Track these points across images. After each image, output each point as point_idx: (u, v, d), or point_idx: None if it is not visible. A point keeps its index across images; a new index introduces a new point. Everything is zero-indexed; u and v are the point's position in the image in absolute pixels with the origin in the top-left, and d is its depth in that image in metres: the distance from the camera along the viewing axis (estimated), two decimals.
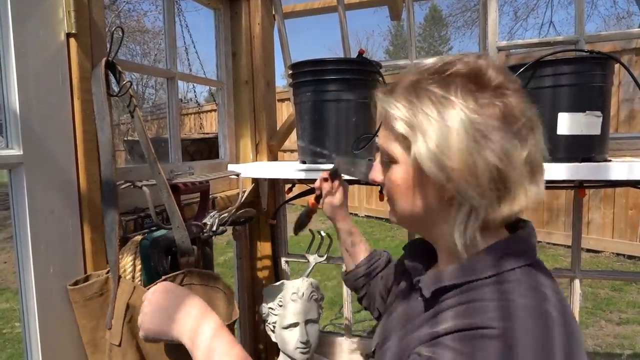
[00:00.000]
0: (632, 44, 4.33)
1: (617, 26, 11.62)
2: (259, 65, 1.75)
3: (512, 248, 0.67)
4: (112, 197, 0.98)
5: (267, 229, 1.80)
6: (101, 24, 1.06)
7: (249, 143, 1.75)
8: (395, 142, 0.69)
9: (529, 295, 0.61)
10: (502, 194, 0.64)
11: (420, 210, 0.70)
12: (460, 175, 0.62)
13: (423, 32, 21.38)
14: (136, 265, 1.06)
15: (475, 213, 0.65)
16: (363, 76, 1.47)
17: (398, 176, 0.70)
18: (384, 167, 0.74)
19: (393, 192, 0.73)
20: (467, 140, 0.61)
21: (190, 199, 1.37)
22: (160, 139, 2.65)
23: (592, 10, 10.99)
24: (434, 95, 0.64)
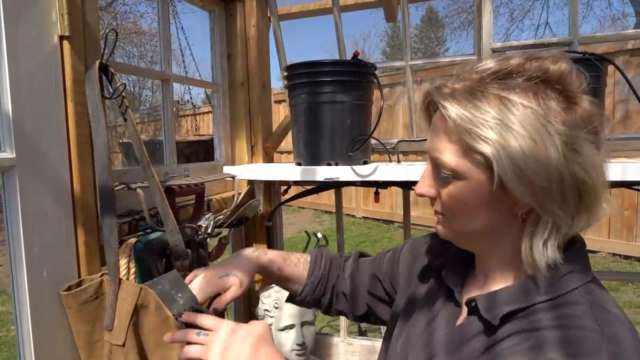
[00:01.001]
0: (627, 45, 4.35)
1: (613, 27, 11.69)
2: (254, 67, 1.75)
3: (570, 264, 0.62)
4: (110, 201, 0.98)
5: (263, 231, 1.79)
6: (95, 26, 1.05)
7: (245, 145, 1.75)
8: (464, 156, 0.61)
9: (600, 319, 0.57)
10: (581, 208, 0.60)
11: (486, 228, 0.65)
12: (547, 189, 0.57)
13: (420, 34, 21.43)
14: (130, 268, 1.06)
15: (557, 229, 0.60)
16: (358, 78, 1.47)
17: (464, 193, 0.62)
18: (438, 180, 0.66)
19: (453, 209, 0.65)
20: (555, 154, 0.56)
21: (185, 201, 1.37)
22: (156, 141, 2.65)
23: (588, 12, 11.06)
24: (510, 102, 0.57)
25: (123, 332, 0.95)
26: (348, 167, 1.45)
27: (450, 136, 0.62)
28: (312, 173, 1.47)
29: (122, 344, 0.95)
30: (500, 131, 0.57)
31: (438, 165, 0.64)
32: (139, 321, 0.96)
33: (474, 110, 0.58)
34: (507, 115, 0.57)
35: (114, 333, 0.96)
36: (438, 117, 0.65)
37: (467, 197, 0.62)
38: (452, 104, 0.60)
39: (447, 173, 0.63)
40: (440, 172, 0.64)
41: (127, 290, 0.98)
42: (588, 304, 0.59)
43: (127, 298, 0.97)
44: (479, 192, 0.62)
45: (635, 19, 9.25)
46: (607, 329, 0.55)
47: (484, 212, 0.63)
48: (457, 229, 0.68)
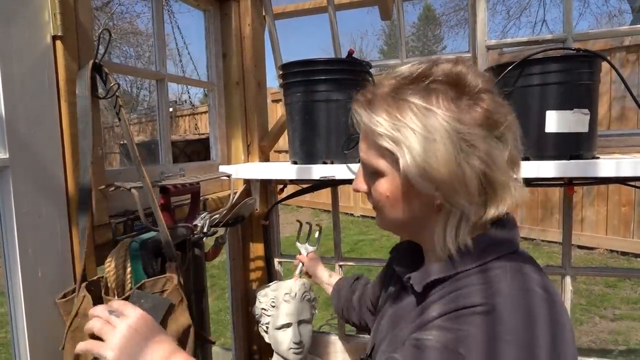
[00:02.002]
0: (624, 42, 4.35)
1: (609, 24, 11.70)
2: (249, 66, 1.74)
3: (494, 239, 0.70)
4: (85, 204, 0.97)
5: (259, 230, 1.80)
6: (88, 25, 1.05)
7: (241, 144, 1.75)
8: (380, 156, 0.69)
9: (514, 277, 0.64)
10: (489, 197, 0.66)
11: (409, 217, 0.72)
12: (450, 185, 0.63)
13: (417, 32, 21.41)
14: (126, 268, 1.06)
15: (466, 218, 0.67)
16: (353, 76, 1.47)
17: (385, 188, 0.70)
18: (368, 177, 0.74)
19: (381, 203, 0.73)
20: (453, 150, 0.62)
21: (180, 200, 1.37)
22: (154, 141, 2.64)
23: (585, 9, 11.07)
24: (415, 106, 0.64)
25: (63, 337, 0.94)
26: (344, 165, 1.45)
27: (368, 139, 0.70)
28: (308, 172, 1.48)
29: (62, 347, 0.94)
30: (405, 133, 0.63)
31: (365, 164, 0.73)
32: (80, 329, 0.93)
33: (386, 115, 0.65)
34: (412, 118, 0.63)
35: None
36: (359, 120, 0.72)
37: (388, 191, 0.70)
38: (364, 111, 0.68)
39: (372, 171, 0.72)
40: (367, 171, 0.73)
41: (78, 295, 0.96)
42: (505, 268, 0.66)
43: (77, 304, 0.95)
44: (397, 187, 0.69)
45: (631, 16, 9.26)
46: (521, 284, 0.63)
47: (405, 205, 0.70)
48: (387, 220, 0.75)
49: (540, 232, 5.20)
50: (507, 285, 0.63)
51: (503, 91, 1.35)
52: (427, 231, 0.72)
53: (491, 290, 0.62)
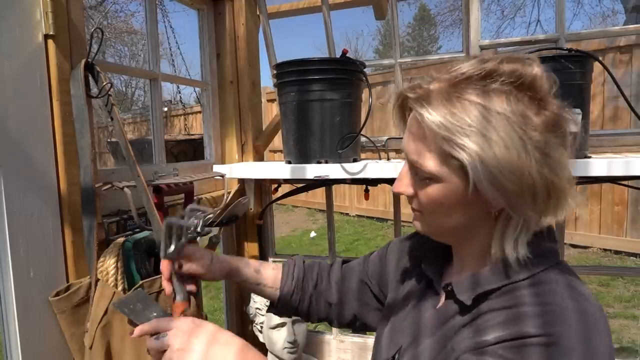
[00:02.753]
0: (617, 42, 4.38)
1: (603, 24, 11.77)
2: (243, 66, 1.74)
3: (544, 249, 0.66)
4: (91, 202, 0.97)
5: (254, 229, 1.79)
6: (80, 25, 1.05)
7: (235, 143, 1.75)
8: (441, 161, 0.62)
9: (568, 295, 0.61)
10: (551, 204, 0.63)
11: (460, 225, 0.67)
12: (519, 194, 0.60)
13: (412, 32, 21.46)
14: (119, 268, 1.06)
15: (527, 226, 0.63)
16: (347, 75, 1.47)
17: (441, 194, 0.64)
18: (415, 181, 0.68)
19: (430, 208, 0.67)
20: (526, 158, 0.58)
21: (174, 200, 1.36)
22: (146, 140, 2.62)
23: (579, 9, 11.12)
24: (485, 109, 0.59)
25: (91, 335, 0.94)
26: (338, 164, 1.45)
27: (427, 142, 0.63)
28: (302, 171, 1.48)
29: (90, 346, 0.94)
30: (476, 140, 0.58)
31: (415, 167, 0.66)
32: (110, 325, 0.95)
33: (451, 117, 0.59)
34: (484, 124, 0.58)
35: (86, 335, 0.96)
36: (414, 119, 0.65)
37: (443, 198, 0.64)
38: (427, 111, 0.61)
39: (426, 176, 0.65)
40: (417, 174, 0.66)
41: (102, 293, 0.97)
42: (558, 282, 0.62)
43: (100, 301, 0.96)
44: (455, 194, 0.64)
45: (624, 16, 9.32)
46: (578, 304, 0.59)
47: (459, 212, 0.66)
48: (433, 226, 0.70)
49: None
50: (565, 309, 0.59)
51: None
52: (477, 238, 0.68)
53: (551, 316, 0.58)
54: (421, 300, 0.78)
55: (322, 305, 0.98)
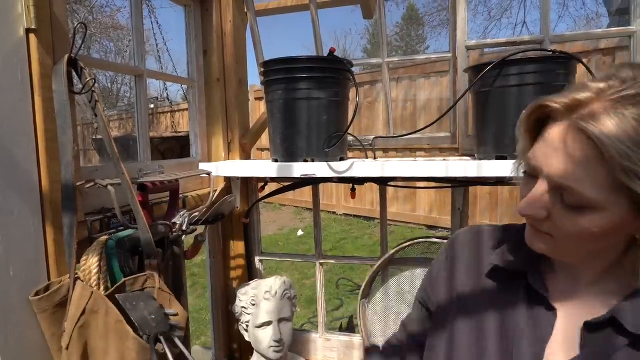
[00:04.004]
0: (600, 44, 4.46)
1: (587, 27, 11.96)
2: (231, 63, 1.73)
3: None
4: (71, 200, 0.96)
5: (240, 228, 1.79)
6: (63, 19, 1.03)
7: (222, 141, 1.74)
8: (609, 191, 0.55)
9: None
10: None
11: (598, 248, 0.62)
12: None
13: (401, 31, 21.53)
14: (102, 267, 1.04)
15: None
16: (334, 74, 1.47)
17: (595, 224, 0.57)
18: (558, 205, 0.60)
19: (572, 236, 0.60)
20: None
21: (159, 198, 1.35)
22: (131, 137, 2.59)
23: (564, 11, 11.28)
24: None
25: (68, 335, 0.92)
26: (324, 163, 1.45)
27: (595, 168, 0.55)
28: (289, 169, 1.47)
29: (67, 346, 0.93)
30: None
31: (566, 193, 0.58)
32: (88, 325, 0.94)
33: (632, 145, 0.52)
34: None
35: (64, 335, 0.94)
36: (575, 139, 0.56)
37: (598, 227, 0.57)
38: (606, 135, 0.53)
39: (580, 203, 0.57)
40: (564, 199, 0.58)
41: (81, 292, 0.95)
42: None
43: (78, 301, 0.94)
44: (612, 223, 0.57)
45: (608, 19, 9.48)
46: None
47: (606, 239, 0.60)
48: (565, 250, 0.63)
49: None
50: None
51: (481, 91, 1.37)
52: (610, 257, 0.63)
53: None
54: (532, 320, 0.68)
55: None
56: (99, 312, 0.92)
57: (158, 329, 0.90)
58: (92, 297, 0.92)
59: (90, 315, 0.92)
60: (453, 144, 1.72)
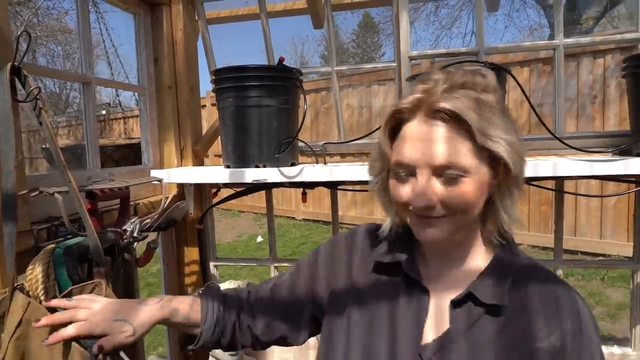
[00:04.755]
0: (541, 54, 4.75)
1: (531, 37, 12.64)
2: (182, 71, 1.75)
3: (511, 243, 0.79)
4: (11, 209, 0.95)
5: (194, 234, 1.79)
6: (5, 26, 1.02)
7: (174, 148, 1.74)
8: (475, 156, 0.67)
9: None
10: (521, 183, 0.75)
11: (478, 210, 0.72)
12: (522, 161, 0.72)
13: (357, 38, 21.93)
14: (49, 275, 1.03)
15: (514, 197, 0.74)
16: (284, 82, 1.52)
17: (471, 187, 0.68)
18: (445, 184, 0.68)
19: (462, 205, 0.69)
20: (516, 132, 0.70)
21: (109, 205, 1.35)
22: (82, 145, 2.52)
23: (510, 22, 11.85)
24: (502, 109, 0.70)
25: (4, 347, 0.91)
26: (275, 168, 1.49)
27: (460, 140, 0.67)
28: (241, 175, 1.50)
29: (2, 358, 0.91)
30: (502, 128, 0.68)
31: (447, 168, 0.67)
32: (25, 336, 0.91)
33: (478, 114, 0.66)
34: (502, 118, 0.69)
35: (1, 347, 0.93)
36: (429, 125, 0.68)
37: (478, 189, 0.69)
38: (457, 108, 0.66)
39: (458, 173, 0.67)
40: (445, 175, 0.68)
41: (17, 302, 0.94)
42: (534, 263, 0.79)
43: (15, 312, 0.92)
44: (482, 184, 0.69)
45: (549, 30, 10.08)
46: None
47: (481, 199, 0.71)
48: (463, 224, 0.72)
49: None
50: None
51: None
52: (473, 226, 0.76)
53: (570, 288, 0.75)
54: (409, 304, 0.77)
55: (247, 334, 0.93)
56: None
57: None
58: (30, 307, 0.91)
59: (28, 326, 0.90)
60: None
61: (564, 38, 1.54)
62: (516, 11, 14.09)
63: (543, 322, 0.70)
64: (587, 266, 4.17)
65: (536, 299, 0.72)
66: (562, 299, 0.72)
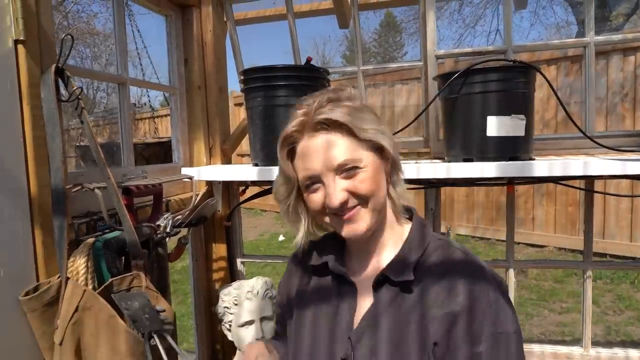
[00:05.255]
0: (568, 52, 4.65)
1: (557, 34, 12.36)
2: (211, 71, 1.79)
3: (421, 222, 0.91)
4: (61, 203, 1.00)
5: (222, 231, 1.83)
6: (50, 30, 1.07)
7: (203, 147, 1.79)
8: (363, 148, 0.81)
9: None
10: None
11: (384, 192, 0.85)
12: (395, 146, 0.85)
13: (379, 38, 21.83)
14: (89, 267, 1.08)
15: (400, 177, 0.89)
16: (311, 82, 1.54)
17: (369, 174, 0.81)
18: (345, 181, 0.80)
19: (368, 190, 0.81)
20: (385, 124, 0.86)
21: (143, 202, 1.39)
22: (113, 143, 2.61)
23: (535, 20, 11.62)
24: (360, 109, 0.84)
25: (62, 332, 0.97)
26: None
27: (343, 141, 0.80)
28: (269, 173, 1.53)
29: (60, 342, 0.97)
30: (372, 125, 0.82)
31: (344, 165, 0.80)
32: (81, 322, 0.98)
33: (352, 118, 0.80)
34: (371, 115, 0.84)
35: (56, 332, 0.98)
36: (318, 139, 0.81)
37: (374, 173, 0.81)
38: (338, 117, 0.79)
39: (354, 165, 0.80)
40: (346, 172, 0.80)
41: (72, 290, 0.99)
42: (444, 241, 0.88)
43: (70, 299, 0.98)
44: (376, 169, 0.82)
45: (577, 27, 9.84)
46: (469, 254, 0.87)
47: (382, 180, 0.84)
48: (376, 207, 0.83)
49: (494, 231, 5.44)
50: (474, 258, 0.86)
51: (449, 98, 1.46)
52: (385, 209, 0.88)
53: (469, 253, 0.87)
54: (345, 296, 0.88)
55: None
56: (92, 309, 0.96)
57: (152, 327, 0.95)
58: (85, 294, 0.96)
59: (83, 312, 0.96)
60: (426, 148, 1.81)
61: (595, 36, 1.52)
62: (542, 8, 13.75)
63: (445, 292, 0.80)
64: (617, 268, 4.07)
65: (439, 271, 0.82)
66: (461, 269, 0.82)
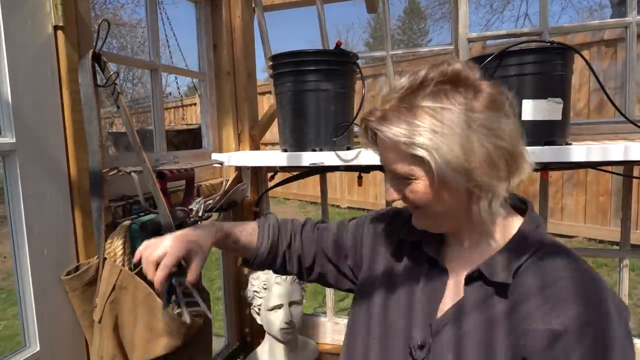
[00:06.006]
0: (602, 35, 4.48)
1: (590, 18, 11.94)
2: (239, 57, 1.79)
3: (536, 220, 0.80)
4: (99, 186, 1.02)
5: (250, 216, 1.85)
6: (87, 16, 1.09)
7: (232, 132, 1.80)
8: (411, 163, 0.73)
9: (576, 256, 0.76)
10: (513, 169, 0.73)
11: (451, 206, 0.76)
12: (481, 171, 0.70)
13: (403, 25, 21.47)
14: (126, 249, 1.11)
15: (497, 194, 0.72)
16: (341, 67, 1.53)
17: (421, 188, 0.74)
18: (399, 185, 0.77)
19: (420, 202, 0.76)
20: (477, 138, 0.68)
21: (176, 186, 1.42)
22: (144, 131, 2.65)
23: (567, 3, 11.22)
24: (429, 109, 0.70)
25: (100, 310, 1.00)
26: (332, 152, 1.51)
27: (395, 150, 0.74)
28: (298, 158, 1.54)
29: (99, 320, 1.00)
30: (428, 136, 0.69)
31: (395, 173, 0.76)
32: (118, 300, 1.01)
33: (406, 125, 0.70)
34: (432, 121, 0.69)
35: (95, 310, 1.02)
36: (381, 136, 0.75)
37: (424, 189, 0.74)
38: (386, 127, 0.72)
39: (404, 177, 0.75)
40: (398, 178, 0.76)
41: (110, 270, 1.03)
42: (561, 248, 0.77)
43: (108, 278, 1.02)
44: (433, 184, 0.73)
45: (611, 10, 9.46)
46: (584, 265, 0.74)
47: (444, 197, 0.74)
48: (432, 216, 0.78)
49: None
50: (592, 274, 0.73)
51: None
52: (470, 214, 0.76)
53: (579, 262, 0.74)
54: (427, 281, 0.84)
55: (295, 263, 1.02)
56: (128, 288, 0.99)
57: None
58: (121, 274, 0.99)
59: (120, 291, 0.99)
60: None
61: (637, 15, 1.45)
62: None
63: (549, 306, 0.69)
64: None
65: (547, 281, 0.72)
66: (575, 284, 0.70)
